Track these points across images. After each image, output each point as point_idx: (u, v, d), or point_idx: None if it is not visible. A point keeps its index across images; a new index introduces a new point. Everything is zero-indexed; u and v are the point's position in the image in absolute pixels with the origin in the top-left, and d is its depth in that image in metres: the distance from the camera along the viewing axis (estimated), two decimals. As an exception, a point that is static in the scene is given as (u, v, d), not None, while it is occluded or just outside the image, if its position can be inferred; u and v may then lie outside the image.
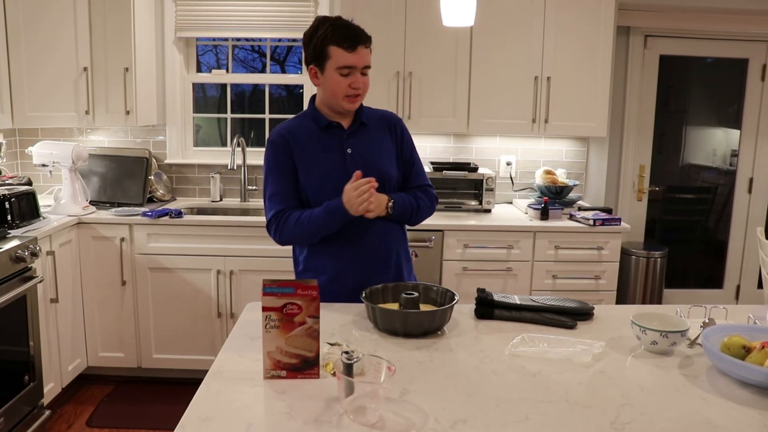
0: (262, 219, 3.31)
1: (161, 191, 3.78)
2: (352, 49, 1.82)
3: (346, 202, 1.79)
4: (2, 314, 2.52)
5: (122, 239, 3.25)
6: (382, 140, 2.00)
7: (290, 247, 3.30)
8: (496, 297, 1.79)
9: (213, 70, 3.98)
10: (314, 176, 1.90)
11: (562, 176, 3.74)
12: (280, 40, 3.96)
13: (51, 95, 3.40)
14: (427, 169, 3.54)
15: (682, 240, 4.30)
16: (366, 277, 1.89)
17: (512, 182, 3.95)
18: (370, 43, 1.87)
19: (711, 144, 4.20)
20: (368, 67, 1.88)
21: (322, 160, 1.90)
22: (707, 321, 1.68)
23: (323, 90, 1.90)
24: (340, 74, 1.84)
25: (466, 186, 3.59)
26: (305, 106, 3.95)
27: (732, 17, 3.81)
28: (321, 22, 1.86)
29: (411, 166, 2.06)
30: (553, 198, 3.62)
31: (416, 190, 2.05)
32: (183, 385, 3.37)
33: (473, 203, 3.58)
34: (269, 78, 3.98)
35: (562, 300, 1.80)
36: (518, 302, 1.77)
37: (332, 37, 1.82)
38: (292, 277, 2.04)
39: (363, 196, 1.77)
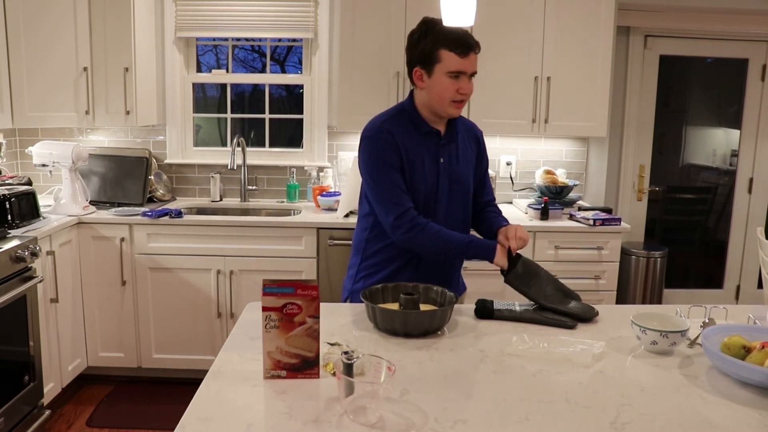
0: (262, 219, 3.32)
1: (161, 191, 3.78)
2: (464, 55, 1.81)
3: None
4: (2, 314, 2.52)
5: (122, 239, 3.25)
6: (468, 151, 2.00)
7: (290, 248, 3.31)
8: (497, 305, 1.80)
9: (213, 70, 3.98)
10: (415, 182, 1.87)
11: (562, 176, 3.74)
12: (280, 40, 3.96)
13: (51, 95, 3.40)
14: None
15: (682, 240, 4.30)
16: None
17: (512, 182, 3.95)
18: (480, 49, 1.87)
19: (711, 144, 4.20)
20: (475, 73, 1.87)
21: (422, 166, 1.87)
22: (707, 321, 1.68)
23: (428, 93, 1.86)
24: (450, 78, 1.82)
25: (466, 186, 3.59)
26: (305, 106, 4.00)
27: (732, 17, 3.81)
28: (430, 25, 1.85)
29: (484, 180, 2.08)
30: (553, 198, 3.62)
31: (491, 208, 2.08)
32: (183, 385, 3.37)
33: (473, 203, 3.58)
34: (269, 78, 3.98)
35: (564, 295, 1.80)
36: (518, 310, 1.78)
37: (445, 41, 1.81)
38: (292, 277, 2.05)
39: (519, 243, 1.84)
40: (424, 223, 1.83)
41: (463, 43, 1.80)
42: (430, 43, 1.82)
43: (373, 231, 1.97)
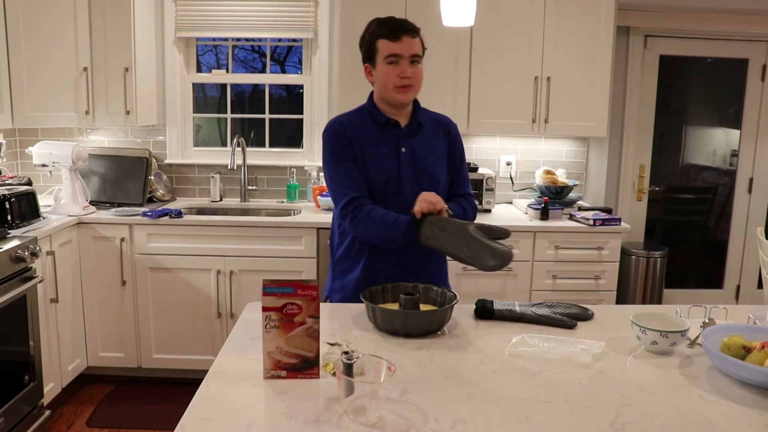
0: (262, 219, 3.32)
1: (161, 191, 3.78)
2: (396, 38, 1.86)
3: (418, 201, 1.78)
4: (2, 314, 2.52)
5: (122, 239, 3.25)
6: (437, 143, 2.00)
7: (290, 248, 3.31)
8: (497, 306, 1.79)
9: (213, 70, 3.98)
10: (368, 172, 1.90)
11: (562, 176, 3.74)
12: (280, 40, 3.96)
13: (51, 95, 3.40)
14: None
15: (682, 240, 4.30)
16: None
17: (512, 182, 3.95)
18: (417, 33, 1.90)
19: (711, 144, 4.20)
20: (417, 56, 1.89)
21: (377, 156, 1.91)
22: (707, 321, 1.68)
23: (377, 85, 1.94)
24: (388, 63, 1.87)
25: (466, 186, 3.59)
26: (305, 106, 4.00)
27: (732, 17, 3.81)
28: (371, 23, 1.94)
29: (459, 173, 2.07)
30: (553, 198, 3.62)
31: (460, 198, 2.05)
32: (183, 385, 3.37)
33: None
34: (269, 78, 3.98)
35: (563, 307, 1.80)
36: (518, 310, 1.77)
37: (378, 32, 1.89)
38: (292, 277, 2.05)
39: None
40: (367, 210, 1.84)
41: (394, 27, 1.86)
42: (368, 38, 1.91)
43: (341, 227, 1.99)
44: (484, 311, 1.78)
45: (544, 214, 3.40)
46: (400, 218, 1.82)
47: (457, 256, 1.69)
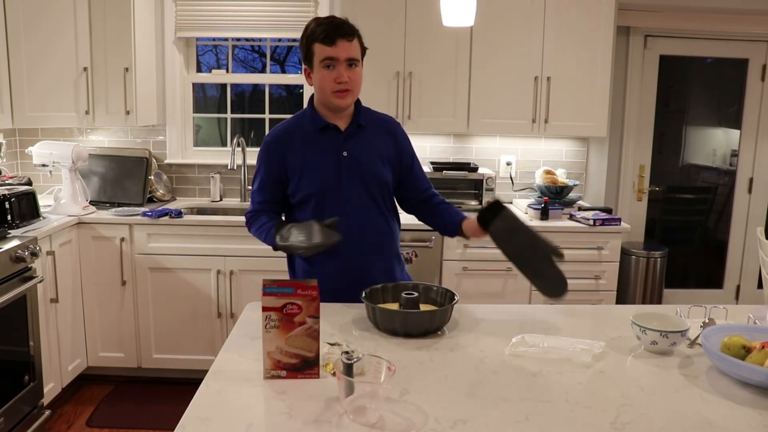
0: (262, 219, 3.32)
1: (161, 191, 3.78)
2: (331, 42, 1.83)
3: None
4: (2, 314, 2.52)
5: (122, 239, 3.25)
6: (380, 145, 1.99)
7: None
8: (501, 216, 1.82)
9: (213, 70, 3.98)
10: (307, 178, 1.91)
11: (562, 176, 3.74)
12: (280, 40, 3.96)
13: (51, 95, 3.40)
14: (427, 169, 3.54)
15: (682, 240, 4.30)
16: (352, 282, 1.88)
17: (512, 182, 3.95)
18: (354, 36, 1.87)
19: (711, 144, 4.20)
20: (353, 59, 1.86)
21: (317, 162, 1.91)
22: (707, 321, 1.68)
23: (315, 88, 1.93)
24: (324, 67, 1.85)
25: (466, 186, 3.59)
26: (305, 106, 3.97)
27: (732, 17, 3.81)
28: (309, 23, 1.91)
29: (412, 173, 2.06)
30: (553, 198, 3.62)
31: (437, 206, 2.06)
32: (183, 385, 3.37)
33: (473, 203, 3.58)
34: (269, 78, 3.97)
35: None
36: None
37: (314, 35, 1.86)
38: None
39: None
40: (249, 219, 1.99)
41: (329, 32, 1.83)
42: (305, 41, 1.89)
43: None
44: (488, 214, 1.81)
45: (544, 214, 3.40)
46: (270, 230, 1.88)
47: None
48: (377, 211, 1.97)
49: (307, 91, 3.92)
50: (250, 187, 3.85)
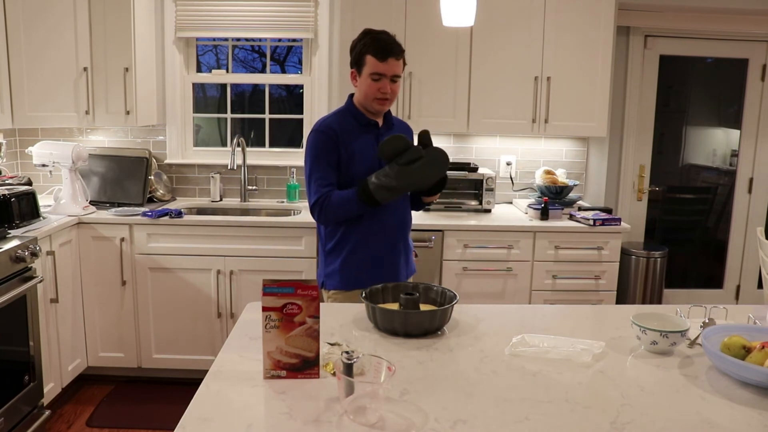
0: (262, 219, 3.32)
1: (161, 191, 3.78)
2: (383, 59, 2.10)
3: None
4: (2, 314, 2.52)
5: (122, 239, 3.25)
6: None
7: (290, 248, 3.31)
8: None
9: (213, 70, 3.98)
10: (356, 166, 2.15)
11: (562, 176, 3.74)
12: (280, 40, 3.96)
13: (51, 95, 3.40)
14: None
15: (682, 240, 4.30)
16: (381, 253, 2.21)
17: (512, 182, 3.95)
18: (402, 55, 2.15)
19: (711, 144, 4.20)
20: (398, 76, 2.15)
21: (363, 152, 2.17)
22: (707, 321, 1.68)
23: (359, 91, 2.20)
24: (372, 79, 2.12)
25: (466, 186, 3.59)
26: (305, 106, 4.00)
27: (732, 17, 3.81)
28: (365, 34, 2.16)
29: None
30: (553, 198, 3.62)
31: None
32: (183, 385, 3.37)
33: (473, 203, 3.58)
34: (269, 78, 3.98)
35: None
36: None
37: (369, 48, 2.12)
38: (292, 277, 2.07)
39: None
40: (326, 197, 2.12)
41: (383, 49, 2.10)
42: (359, 49, 2.15)
43: None
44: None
45: (544, 214, 3.40)
46: (350, 191, 2.11)
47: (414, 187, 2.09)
48: (405, 199, 2.29)
49: (308, 92, 3.92)
50: (250, 187, 3.89)
